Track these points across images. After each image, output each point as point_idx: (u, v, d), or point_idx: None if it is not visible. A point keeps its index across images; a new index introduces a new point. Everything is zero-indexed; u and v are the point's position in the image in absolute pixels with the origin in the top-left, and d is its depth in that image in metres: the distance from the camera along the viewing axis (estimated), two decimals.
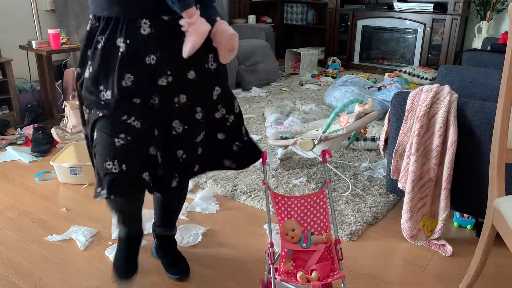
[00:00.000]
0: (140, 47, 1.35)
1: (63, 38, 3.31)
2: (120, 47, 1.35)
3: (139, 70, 1.37)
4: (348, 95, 3.67)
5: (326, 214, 1.57)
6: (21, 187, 2.46)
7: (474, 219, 2.10)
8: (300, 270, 1.41)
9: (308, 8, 6.16)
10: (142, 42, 1.35)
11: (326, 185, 1.57)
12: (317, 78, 5.12)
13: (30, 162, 2.78)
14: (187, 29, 1.34)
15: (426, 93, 1.91)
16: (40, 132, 2.93)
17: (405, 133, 1.97)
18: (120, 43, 1.35)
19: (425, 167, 1.93)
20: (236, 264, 1.82)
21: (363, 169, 2.67)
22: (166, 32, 1.36)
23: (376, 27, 5.47)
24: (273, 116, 3.35)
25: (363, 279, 1.74)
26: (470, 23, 5.22)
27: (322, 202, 1.57)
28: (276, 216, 1.56)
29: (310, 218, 1.57)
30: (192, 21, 1.34)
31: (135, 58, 1.36)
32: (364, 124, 2.41)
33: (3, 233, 2.01)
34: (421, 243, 1.96)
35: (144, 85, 1.39)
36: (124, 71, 1.36)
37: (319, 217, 1.57)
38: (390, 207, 2.26)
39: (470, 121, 1.84)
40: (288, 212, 1.58)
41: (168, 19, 1.36)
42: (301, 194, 2.36)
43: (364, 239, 2.01)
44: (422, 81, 4.68)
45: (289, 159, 2.81)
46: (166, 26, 1.36)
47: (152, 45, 1.35)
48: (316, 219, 1.57)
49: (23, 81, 3.59)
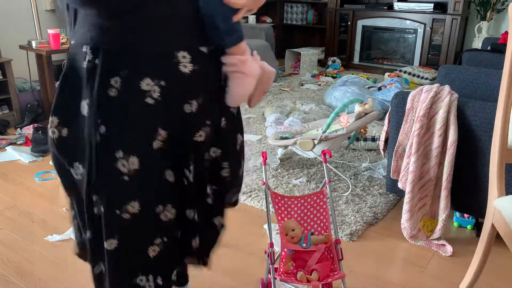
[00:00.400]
0: (181, 90, 1.01)
1: (63, 38, 3.30)
2: (151, 91, 0.97)
3: (175, 122, 1.02)
4: (348, 95, 3.67)
5: (326, 214, 1.57)
6: (21, 187, 2.46)
7: (474, 219, 2.10)
8: (300, 270, 1.41)
9: (308, 8, 6.16)
10: (183, 83, 1.00)
11: (326, 185, 1.57)
12: (317, 78, 5.12)
13: (30, 162, 2.78)
14: (240, 69, 1.05)
15: (426, 93, 1.91)
16: (40, 132, 2.93)
17: (405, 133, 1.97)
18: (150, 86, 0.97)
19: (425, 167, 1.93)
20: (236, 264, 1.82)
21: (363, 169, 2.67)
22: (206, 68, 1.04)
23: (376, 27, 5.47)
24: (273, 116, 3.35)
25: (363, 279, 1.74)
26: (470, 23, 5.21)
27: (322, 202, 1.57)
28: (276, 216, 1.56)
29: (310, 218, 1.57)
30: (245, 59, 1.04)
31: (172, 107, 1.00)
32: (364, 124, 2.41)
33: (3, 233, 2.01)
34: (421, 243, 1.96)
35: (179, 144, 1.04)
36: (157, 126, 1.00)
37: (319, 217, 1.57)
38: (390, 207, 2.26)
39: (470, 121, 1.84)
40: (288, 212, 1.57)
41: (208, 51, 1.03)
42: (301, 194, 2.36)
43: (364, 239, 2.01)
44: (422, 81, 4.68)
45: (289, 159, 2.81)
46: (206, 61, 1.03)
47: (195, 86, 1.02)
48: (316, 219, 1.57)
49: (23, 81, 3.59)
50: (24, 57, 3.41)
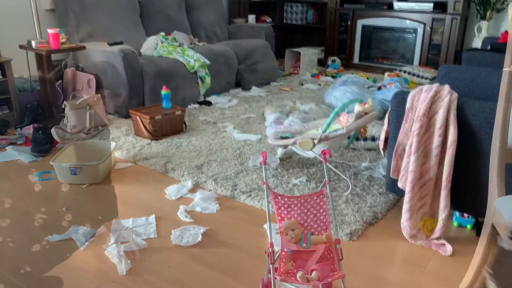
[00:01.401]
0: None
1: (63, 38, 3.30)
2: None
3: None
4: (348, 95, 3.67)
5: (326, 214, 1.57)
6: (21, 187, 2.46)
7: (474, 218, 2.10)
8: (300, 270, 1.41)
9: (308, 8, 6.16)
10: None
11: (326, 185, 1.57)
12: (317, 77, 5.12)
13: (30, 162, 2.78)
14: None
15: (426, 93, 1.91)
16: (40, 132, 2.93)
17: (405, 132, 1.97)
18: None
19: (425, 167, 1.93)
20: (236, 264, 1.82)
21: (363, 168, 2.67)
22: None
23: (376, 27, 5.47)
24: (273, 115, 3.35)
25: (363, 279, 1.74)
26: (470, 23, 5.21)
27: (322, 202, 1.57)
28: (276, 216, 1.56)
29: (310, 218, 1.57)
30: None
31: None
32: (364, 123, 2.41)
33: (3, 233, 2.01)
34: (421, 242, 1.96)
35: None
36: None
37: (319, 217, 1.57)
38: (390, 207, 2.26)
39: (470, 121, 1.84)
40: (288, 212, 1.57)
41: None
42: (301, 193, 2.36)
43: (364, 238, 2.01)
44: (422, 81, 4.67)
45: (289, 158, 2.81)
46: None
47: None
48: (316, 219, 1.57)
49: (23, 81, 3.59)
50: (24, 57, 3.41)
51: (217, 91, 4.29)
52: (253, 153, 2.91)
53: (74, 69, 3.66)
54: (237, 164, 2.73)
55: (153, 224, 2.08)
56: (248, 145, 3.04)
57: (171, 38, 4.20)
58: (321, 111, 3.45)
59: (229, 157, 2.83)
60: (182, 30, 4.60)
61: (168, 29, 4.45)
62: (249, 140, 3.12)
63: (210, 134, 3.26)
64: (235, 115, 3.71)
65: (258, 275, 1.71)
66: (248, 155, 2.87)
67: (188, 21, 4.77)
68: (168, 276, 1.73)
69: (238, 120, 3.59)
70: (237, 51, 4.52)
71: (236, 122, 3.52)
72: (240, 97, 4.28)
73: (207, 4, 4.99)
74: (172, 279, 1.72)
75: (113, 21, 3.94)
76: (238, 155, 2.86)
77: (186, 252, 1.87)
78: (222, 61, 4.29)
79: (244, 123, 3.50)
